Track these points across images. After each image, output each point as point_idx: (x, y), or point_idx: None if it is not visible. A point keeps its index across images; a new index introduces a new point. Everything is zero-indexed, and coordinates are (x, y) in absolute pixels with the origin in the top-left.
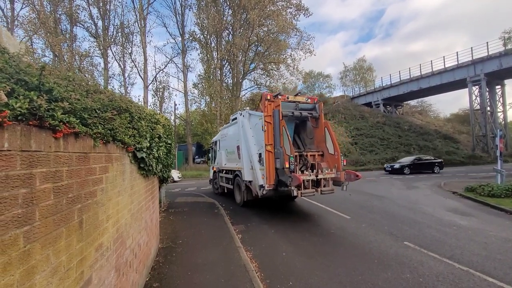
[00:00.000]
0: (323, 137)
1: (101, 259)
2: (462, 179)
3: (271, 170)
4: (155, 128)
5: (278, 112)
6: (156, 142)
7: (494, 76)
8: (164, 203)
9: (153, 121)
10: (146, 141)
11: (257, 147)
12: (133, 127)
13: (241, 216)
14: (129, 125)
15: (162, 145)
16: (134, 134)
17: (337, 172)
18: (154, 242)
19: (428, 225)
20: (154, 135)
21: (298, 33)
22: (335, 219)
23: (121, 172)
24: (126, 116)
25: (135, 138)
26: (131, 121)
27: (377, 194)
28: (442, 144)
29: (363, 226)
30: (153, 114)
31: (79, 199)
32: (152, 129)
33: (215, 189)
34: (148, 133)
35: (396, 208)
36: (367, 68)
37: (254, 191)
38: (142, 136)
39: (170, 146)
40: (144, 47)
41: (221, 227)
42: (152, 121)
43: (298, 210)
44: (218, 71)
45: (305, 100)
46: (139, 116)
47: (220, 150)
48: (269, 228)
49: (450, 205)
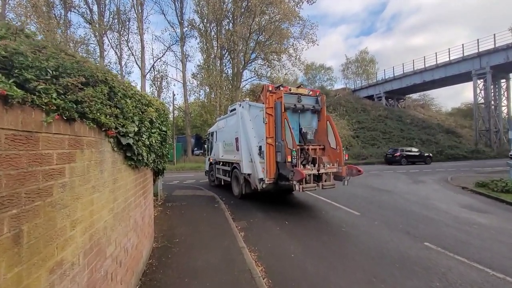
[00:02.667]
0: (325, 130)
1: (61, 283)
2: (468, 174)
3: (271, 163)
4: (146, 111)
5: (280, 104)
6: (147, 128)
7: (500, 69)
8: (161, 197)
9: (144, 102)
10: (133, 125)
11: (257, 139)
12: (115, 105)
13: (242, 211)
14: (109, 102)
15: (155, 132)
16: (117, 115)
17: (338, 167)
18: (146, 243)
19: (445, 223)
20: (144, 119)
21: (301, 21)
22: (344, 215)
23: (97, 162)
24: (102, 89)
25: (118, 120)
26: (111, 98)
27: (384, 189)
28: (445, 138)
29: (375, 223)
30: (143, 95)
31: (15, 201)
32: (142, 112)
33: (211, 181)
34: (136, 115)
35: (407, 204)
36: (369, 60)
37: (253, 184)
38: (127, 118)
39: (166, 134)
40: (141, 34)
41: (221, 224)
42: (142, 102)
43: (303, 205)
44: (218, 61)
45: (307, 92)
46: (124, 93)
47: (217, 141)
48: (274, 225)
49: (463, 201)
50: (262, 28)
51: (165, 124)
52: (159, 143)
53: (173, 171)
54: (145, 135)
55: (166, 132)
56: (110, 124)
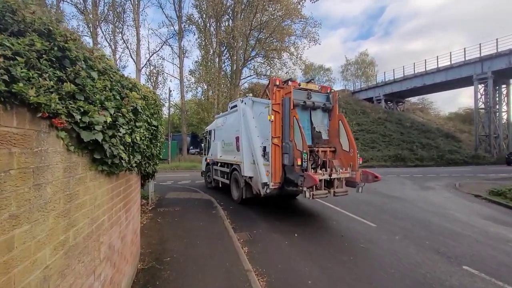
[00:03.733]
0: (337, 131)
1: None
2: (475, 180)
3: (277, 166)
4: (128, 97)
5: (288, 100)
6: (128, 119)
7: (502, 74)
8: (152, 200)
9: (125, 84)
10: (105, 114)
11: (260, 139)
12: (68, 77)
13: (243, 218)
14: (54, 72)
15: (142, 126)
16: (73, 94)
17: (352, 172)
18: (128, 269)
19: (475, 239)
20: (124, 107)
21: (303, 19)
22: (358, 226)
23: (28, 171)
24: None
25: (75, 103)
26: (64, 66)
27: (392, 195)
28: (444, 143)
29: (396, 238)
30: (126, 77)
31: None
32: (121, 97)
33: (208, 182)
34: (111, 100)
35: (423, 214)
36: (369, 62)
37: (255, 188)
38: (94, 103)
39: (157, 130)
40: (137, 26)
41: (221, 236)
42: (122, 84)
43: (310, 213)
44: (217, 57)
45: (317, 88)
46: (90, 64)
47: (216, 140)
48: (281, 237)
49: (482, 211)
50: (264, 25)
51: (157, 118)
52: (147, 141)
53: (167, 170)
54: (124, 129)
55: (157, 128)
56: (55, 107)
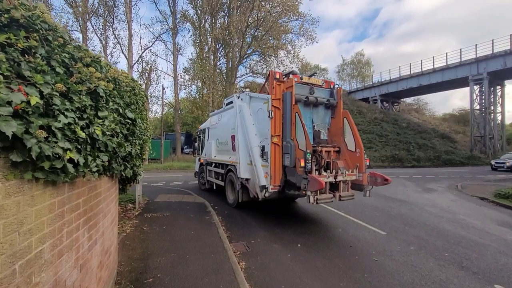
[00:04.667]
0: (341, 129)
1: None
2: (476, 182)
3: (277, 167)
4: (81, 73)
5: (290, 95)
6: (80, 105)
7: (497, 75)
8: (140, 203)
9: (78, 56)
10: (31, 93)
11: (258, 138)
12: None
13: (240, 225)
14: None
15: (107, 117)
16: None
17: (358, 174)
18: None
19: (497, 250)
20: (73, 87)
21: (300, 17)
22: (367, 235)
23: None
24: None
25: None
26: None
27: (396, 198)
28: (440, 144)
29: (411, 249)
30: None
31: None
32: (66, 71)
33: (202, 184)
34: (47, 74)
35: (434, 219)
36: (365, 62)
37: (252, 191)
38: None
39: (134, 124)
40: (129, 21)
41: (215, 248)
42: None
43: (312, 219)
44: (212, 55)
45: (320, 83)
46: None
47: (210, 139)
48: (283, 249)
49: (493, 216)
50: (260, 21)
51: (136, 110)
52: (121, 138)
53: (159, 171)
54: (70, 118)
55: (135, 122)
56: None
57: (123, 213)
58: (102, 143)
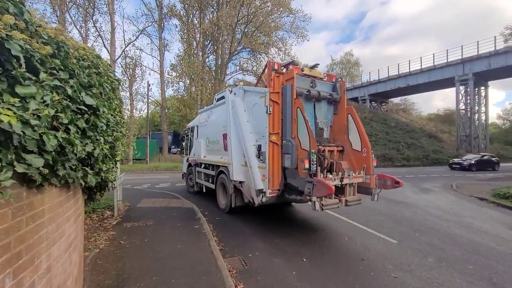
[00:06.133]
0: (345, 127)
1: None
2: (468, 181)
3: (275, 169)
4: None
5: (290, 88)
6: None
7: (481, 76)
8: (120, 210)
9: None
10: None
11: (254, 136)
12: None
13: (234, 234)
14: None
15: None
16: None
17: (365, 176)
18: None
19: None
20: None
21: (291, 14)
22: (377, 244)
23: None
24: None
25: None
26: None
27: (396, 200)
28: (428, 143)
29: (430, 261)
30: None
31: None
32: None
33: (190, 186)
34: None
35: (442, 223)
36: (354, 62)
37: (247, 195)
38: None
39: (97, 116)
40: (111, 12)
41: (206, 266)
42: None
43: (314, 225)
44: (200, 51)
45: (322, 76)
46: None
47: (198, 138)
48: (286, 265)
49: (499, 218)
50: (251, 16)
51: (98, 96)
52: (75, 131)
53: (145, 172)
54: None
55: (97, 111)
56: None
57: (98, 222)
58: (29, 139)
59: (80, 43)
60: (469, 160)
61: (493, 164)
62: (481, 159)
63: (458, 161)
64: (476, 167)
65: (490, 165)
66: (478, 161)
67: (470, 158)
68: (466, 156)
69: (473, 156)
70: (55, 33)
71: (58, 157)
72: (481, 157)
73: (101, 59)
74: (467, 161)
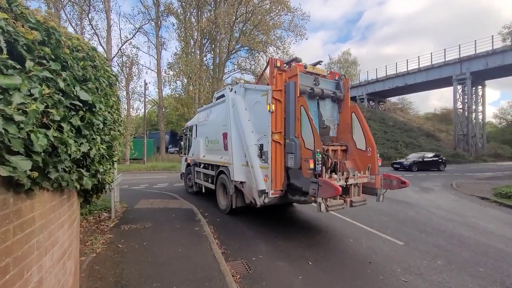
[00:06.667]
0: (349, 126)
1: None
2: (467, 180)
3: (278, 169)
4: None
5: (294, 86)
6: None
7: (479, 75)
8: (117, 212)
9: None
10: None
11: (256, 135)
12: None
13: (236, 236)
14: None
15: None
16: None
17: (370, 176)
18: None
19: None
20: None
21: (290, 12)
22: (383, 246)
23: None
24: None
25: None
26: None
27: (397, 199)
28: (426, 142)
29: (439, 263)
30: None
31: None
32: None
33: (189, 186)
34: None
35: (447, 224)
36: (352, 62)
37: (249, 196)
38: None
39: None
40: (107, 10)
41: (209, 271)
42: None
43: (316, 225)
44: (198, 50)
45: (325, 74)
46: None
47: (198, 138)
48: (291, 269)
49: (503, 218)
50: (249, 15)
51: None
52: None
53: (142, 172)
54: None
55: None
56: None
57: (95, 225)
58: (14, 138)
59: (74, 34)
60: (410, 160)
61: (438, 164)
62: (423, 159)
63: (399, 161)
64: (417, 167)
65: (434, 165)
66: (420, 161)
67: (411, 158)
68: (408, 156)
69: (415, 156)
70: (45, 18)
71: (50, 159)
72: (423, 157)
73: (97, 51)
74: (408, 161)
